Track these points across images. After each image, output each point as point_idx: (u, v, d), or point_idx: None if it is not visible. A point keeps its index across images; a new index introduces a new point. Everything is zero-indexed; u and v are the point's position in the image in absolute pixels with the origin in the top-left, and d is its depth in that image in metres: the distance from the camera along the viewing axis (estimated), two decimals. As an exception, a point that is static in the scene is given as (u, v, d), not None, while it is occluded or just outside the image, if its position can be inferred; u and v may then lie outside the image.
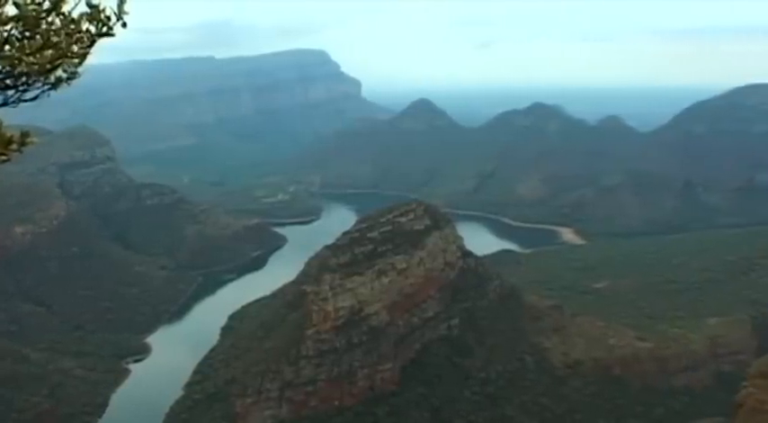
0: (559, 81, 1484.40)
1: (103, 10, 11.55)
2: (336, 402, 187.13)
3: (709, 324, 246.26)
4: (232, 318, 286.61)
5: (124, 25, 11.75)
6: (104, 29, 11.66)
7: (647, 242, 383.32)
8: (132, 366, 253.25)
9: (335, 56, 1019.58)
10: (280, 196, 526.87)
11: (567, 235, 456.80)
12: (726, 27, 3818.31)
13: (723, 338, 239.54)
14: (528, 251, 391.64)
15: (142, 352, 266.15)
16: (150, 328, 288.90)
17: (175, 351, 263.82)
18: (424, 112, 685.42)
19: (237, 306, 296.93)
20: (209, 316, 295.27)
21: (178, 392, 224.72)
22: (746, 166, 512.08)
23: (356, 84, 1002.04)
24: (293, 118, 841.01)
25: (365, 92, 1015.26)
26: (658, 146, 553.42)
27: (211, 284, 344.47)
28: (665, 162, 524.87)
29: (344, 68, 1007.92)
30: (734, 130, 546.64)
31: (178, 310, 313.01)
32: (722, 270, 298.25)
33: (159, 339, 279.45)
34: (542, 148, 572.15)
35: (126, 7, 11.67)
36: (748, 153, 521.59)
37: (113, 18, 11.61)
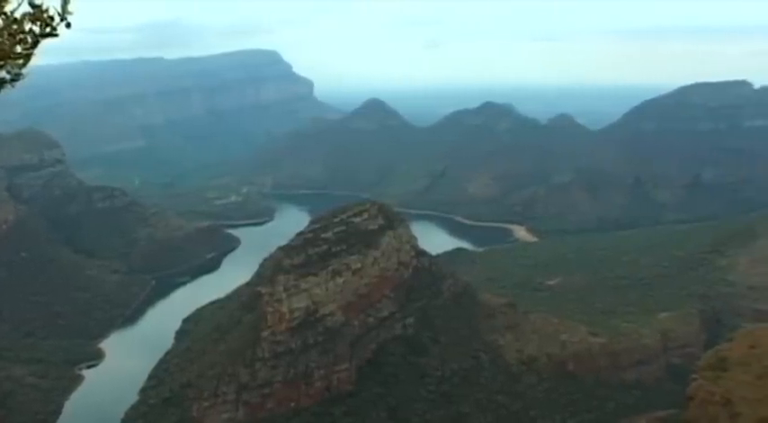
0: (510, 80, 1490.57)
1: (46, 10, 11.35)
2: (293, 404, 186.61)
3: (659, 319, 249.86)
4: (186, 321, 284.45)
5: (68, 25, 11.55)
6: (48, 29, 11.45)
7: (598, 239, 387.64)
8: (85, 372, 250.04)
9: (287, 56, 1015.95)
10: (232, 198, 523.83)
11: (520, 233, 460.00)
12: (673, 27, 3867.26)
13: (673, 332, 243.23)
14: (481, 249, 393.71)
15: (95, 357, 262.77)
16: (103, 333, 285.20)
17: (130, 356, 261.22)
18: (375, 111, 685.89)
19: (192, 309, 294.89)
20: (163, 320, 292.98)
21: (133, 398, 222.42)
22: (694, 163, 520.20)
23: (308, 84, 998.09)
24: (244, 119, 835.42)
25: (317, 92, 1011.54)
26: (608, 144, 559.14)
27: (165, 288, 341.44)
28: (615, 160, 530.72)
29: (296, 69, 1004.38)
30: (681, 128, 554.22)
31: (131, 315, 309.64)
32: (671, 265, 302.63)
33: (113, 344, 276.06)
34: (493, 147, 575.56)
35: (70, 7, 11.48)
36: (695, 150, 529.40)
37: (57, 18, 11.39)
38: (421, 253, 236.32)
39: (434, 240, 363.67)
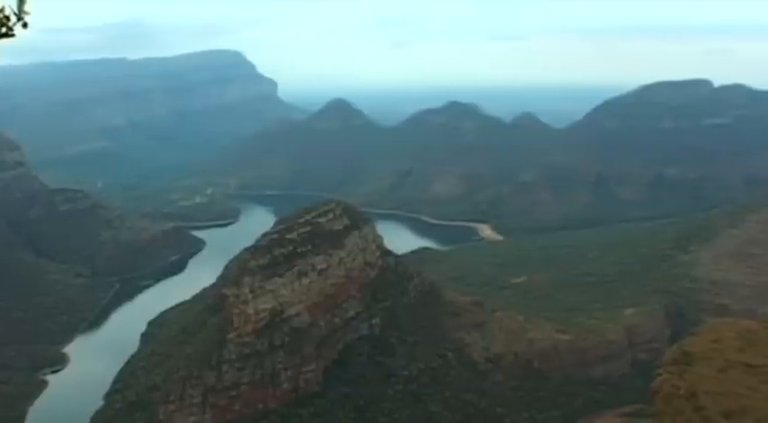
0: (474, 80, 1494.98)
1: (2, 10, 11.26)
2: (260, 406, 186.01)
3: (624, 314, 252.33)
4: (152, 324, 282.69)
5: (25, 25, 11.48)
6: (3, 29, 11.36)
7: (562, 237, 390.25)
8: (49, 378, 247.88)
9: (251, 56, 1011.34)
10: (197, 199, 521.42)
11: (485, 231, 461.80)
12: (634, 27, 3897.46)
13: (638, 328, 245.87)
14: (447, 248, 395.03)
15: (59, 362, 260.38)
16: (67, 337, 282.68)
17: (94, 360, 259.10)
18: (340, 111, 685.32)
19: (157, 312, 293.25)
20: (128, 323, 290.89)
21: (98, 402, 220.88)
22: (656, 160, 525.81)
23: (272, 84, 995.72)
24: (208, 120, 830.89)
25: (281, 92, 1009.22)
26: (572, 142, 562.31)
27: (129, 291, 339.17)
28: (579, 158, 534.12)
29: (260, 69, 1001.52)
30: (644, 126, 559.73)
31: (95, 319, 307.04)
32: (636, 262, 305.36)
33: (77, 349, 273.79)
34: (458, 146, 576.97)
35: (27, 7, 11.38)
36: (657, 148, 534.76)
37: (13, 18, 11.30)
38: (387, 252, 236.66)
39: (400, 240, 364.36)
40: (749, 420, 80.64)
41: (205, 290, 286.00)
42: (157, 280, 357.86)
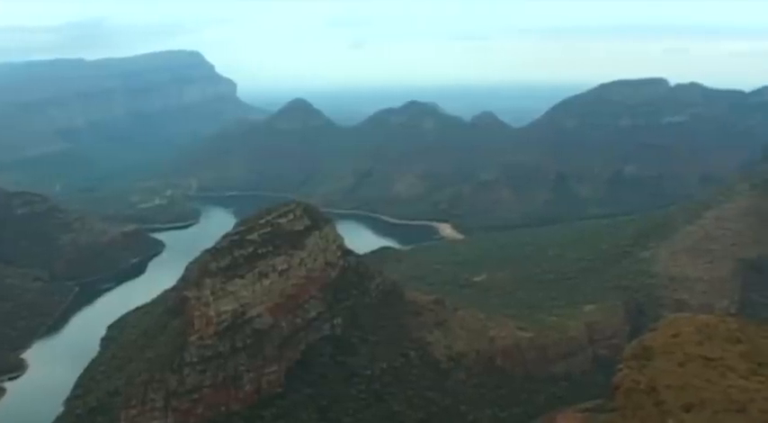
0: (434, 79, 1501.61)
1: None
2: (223, 408, 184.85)
3: (585, 311, 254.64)
4: (112, 328, 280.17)
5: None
6: None
7: (523, 234, 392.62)
8: (7, 385, 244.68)
9: (210, 57, 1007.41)
10: (156, 201, 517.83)
11: (446, 230, 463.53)
12: (593, 26, 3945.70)
13: (599, 324, 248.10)
14: (407, 248, 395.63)
15: (18, 369, 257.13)
16: (25, 343, 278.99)
17: (54, 366, 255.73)
18: (299, 112, 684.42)
19: (117, 315, 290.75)
20: (88, 327, 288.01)
21: (58, 409, 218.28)
22: (615, 158, 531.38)
23: (231, 85, 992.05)
24: (168, 120, 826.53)
25: (240, 93, 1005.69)
26: (531, 141, 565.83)
27: (89, 295, 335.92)
28: (539, 156, 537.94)
29: (219, 69, 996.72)
30: (602, 125, 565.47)
31: (55, 323, 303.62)
32: (595, 259, 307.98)
33: (36, 354, 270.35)
34: (418, 146, 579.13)
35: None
36: (616, 146, 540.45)
37: None
38: (347, 252, 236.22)
39: (361, 240, 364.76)
40: (708, 413, 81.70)
41: (165, 292, 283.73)
42: (117, 283, 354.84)
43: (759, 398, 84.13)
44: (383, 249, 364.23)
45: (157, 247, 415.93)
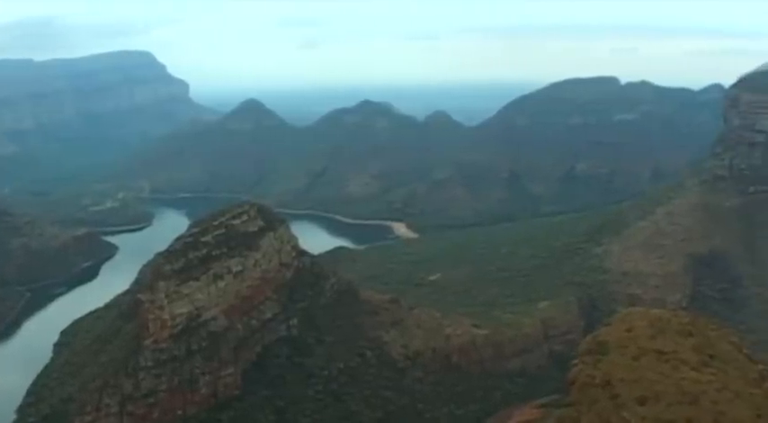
0: (387, 79, 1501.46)
1: None
2: (179, 412, 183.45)
3: (539, 308, 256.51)
4: (65, 333, 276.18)
5: None
6: None
7: (477, 233, 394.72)
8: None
9: (161, 57, 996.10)
10: (108, 204, 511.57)
11: (400, 229, 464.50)
12: (545, 26, 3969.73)
13: (553, 320, 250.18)
14: (362, 247, 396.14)
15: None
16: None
17: (5, 373, 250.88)
18: (252, 112, 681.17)
19: (70, 320, 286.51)
20: (40, 333, 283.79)
21: (10, 417, 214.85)
22: (567, 156, 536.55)
23: (183, 85, 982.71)
24: (119, 122, 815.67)
25: (193, 93, 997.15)
26: (484, 139, 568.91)
27: (41, 300, 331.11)
28: (492, 154, 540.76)
29: (171, 70, 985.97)
30: (554, 123, 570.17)
31: (6, 330, 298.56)
32: (549, 256, 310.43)
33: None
34: (372, 145, 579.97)
35: None
36: (568, 144, 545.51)
37: None
38: (302, 253, 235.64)
39: (315, 240, 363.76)
40: (662, 405, 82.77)
41: (119, 296, 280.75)
42: (70, 287, 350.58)
43: (710, 389, 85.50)
44: (338, 249, 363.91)
45: (110, 251, 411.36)
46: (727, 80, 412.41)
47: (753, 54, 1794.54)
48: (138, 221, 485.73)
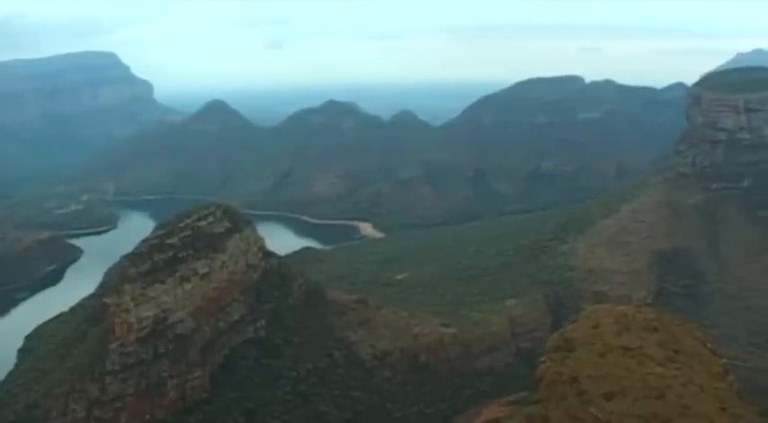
0: (352, 79, 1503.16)
1: None
2: (147, 416, 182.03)
3: (506, 306, 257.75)
4: (29, 338, 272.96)
5: None
6: None
7: (443, 232, 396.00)
8: None
9: (125, 58, 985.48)
10: (72, 206, 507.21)
11: (367, 229, 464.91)
12: (509, 25, 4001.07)
13: (521, 318, 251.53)
14: (329, 247, 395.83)
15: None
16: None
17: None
18: (217, 112, 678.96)
19: (34, 325, 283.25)
20: (3, 338, 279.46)
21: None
22: (532, 154, 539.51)
23: (148, 86, 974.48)
24: (83, 123, 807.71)
25: (157, 94, 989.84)
26: (450, 139, 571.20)
27: (3, 304, 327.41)
28: (457, 154, 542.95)
29: (135, 70, 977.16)
30: (519, 122, 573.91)
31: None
32: (515, 254, 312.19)
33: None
34: (338, 145, 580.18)
35: None
36: (533, 143, 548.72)
37: None
38: (269, 254, 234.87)
39: (282, 241, 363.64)
40: (629, 400, 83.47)
41: (84, 300, 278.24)
42: (33, 292, 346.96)
43: (676, 384, 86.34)
44: (305, 250, 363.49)
45: (75, 254, 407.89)
46: (690, 79, 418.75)
47: (714, 53, 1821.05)
48: (102, 224, 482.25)
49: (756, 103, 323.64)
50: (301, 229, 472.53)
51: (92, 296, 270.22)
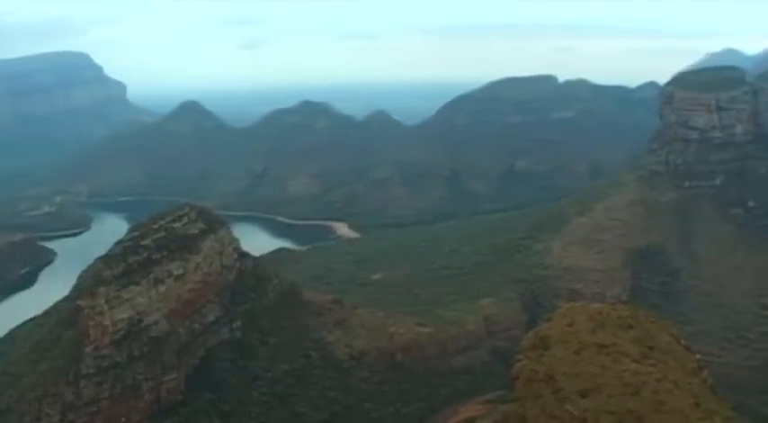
0: (327, 79, 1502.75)
1: None
2: (123, 419, 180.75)
3: (482, 305, 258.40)
4: (2, 342, 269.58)
5: None
6: None
7: (418, 231, 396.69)
8: None
9: (98, 58, 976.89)
10: (45, 208, 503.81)
11: (342, 229, 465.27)
12: (483, 25, 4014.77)
13: (496, 317, 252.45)
14: (304, 248, 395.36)
15: None
16: None
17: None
18: (191, 113, 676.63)
19: (7, 329, 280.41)
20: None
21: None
22: (506, 154, 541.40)
23: (121, 87, 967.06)
24: (55, 124, 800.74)
25: (131, 95, 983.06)
26: (424, 138, 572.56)
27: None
28: (431, 153, 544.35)
29: (108, 71, 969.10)
30: (493, 121, 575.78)
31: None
32: (490, 253, 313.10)
33: None
34: (312, 145, 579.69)
35: None
36: (507, 142, 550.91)
37: None
38: (244, 255, 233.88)
39: (257, 241, 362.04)
40: (604, 397, 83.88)
41: (58, 303, 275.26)
42: (6, 295, 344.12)
43: (651, 380, 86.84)
44: (280, 250, 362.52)
45: (48, 256, 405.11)
46: (662, 78, 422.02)
47: (685, 53, 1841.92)
48: (76, 226, 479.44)
49: (728, 101, 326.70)
50: (276, 229, 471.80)
51: (66, 299, 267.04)
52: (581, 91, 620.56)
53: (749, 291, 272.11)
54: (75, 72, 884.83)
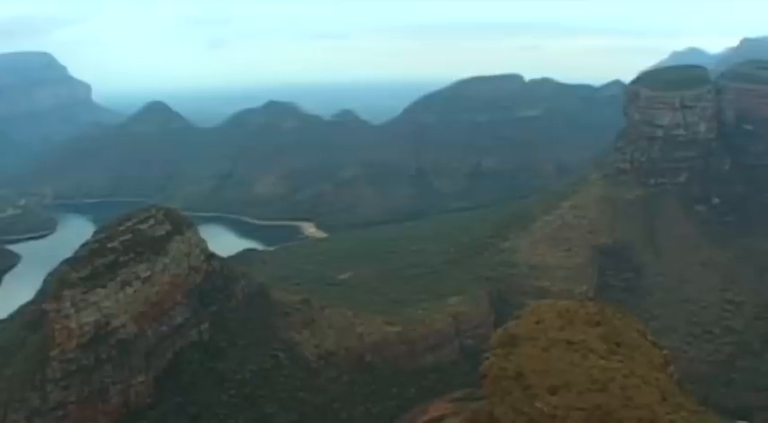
0: (292, 78, 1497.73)
1: None
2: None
3: (450, 303, 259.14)
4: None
5: None
6: None
7: (386, 230, 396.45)
8: None
9: (62, 58, 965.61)
10: (9, 211, 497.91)
11: (309, 229, 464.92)
12: (450, 24, 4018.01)
13: (464, 315, 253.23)
14: (272, 248, 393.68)
15: None
16: None
17: None
18: (157, 114, 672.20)
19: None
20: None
21: None
22: (473, 152, 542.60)
23: (86, 87, 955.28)
24: (18, 126, 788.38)
25: (95, 95, 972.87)
26: (391, 137, 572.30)
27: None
28: (399, 152, 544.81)
29: (72, 71, 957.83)
30: (460, 120, 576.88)
31: None
32: (458, 251, 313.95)
33: None
34: (279, 145, 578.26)
35: None
36: (474, 141, 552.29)
37: None
38: (211, 256, 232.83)
39: (224, 242, 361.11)
40: (573, 393, 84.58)
41: (23, 306, 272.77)
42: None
43: (618, 376, 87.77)
44: (247, 251, 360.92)
45: (12, 260, 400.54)
46: (627, 77, 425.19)
47: (650, 52, 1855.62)
48: (41, 229, 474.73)
49: (692, 99, 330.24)
50: (243, 230, 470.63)
51: (31, 303, 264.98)
52: (546, 90, 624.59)
53: (713, 286, 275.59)
54: (39, 72, 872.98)
